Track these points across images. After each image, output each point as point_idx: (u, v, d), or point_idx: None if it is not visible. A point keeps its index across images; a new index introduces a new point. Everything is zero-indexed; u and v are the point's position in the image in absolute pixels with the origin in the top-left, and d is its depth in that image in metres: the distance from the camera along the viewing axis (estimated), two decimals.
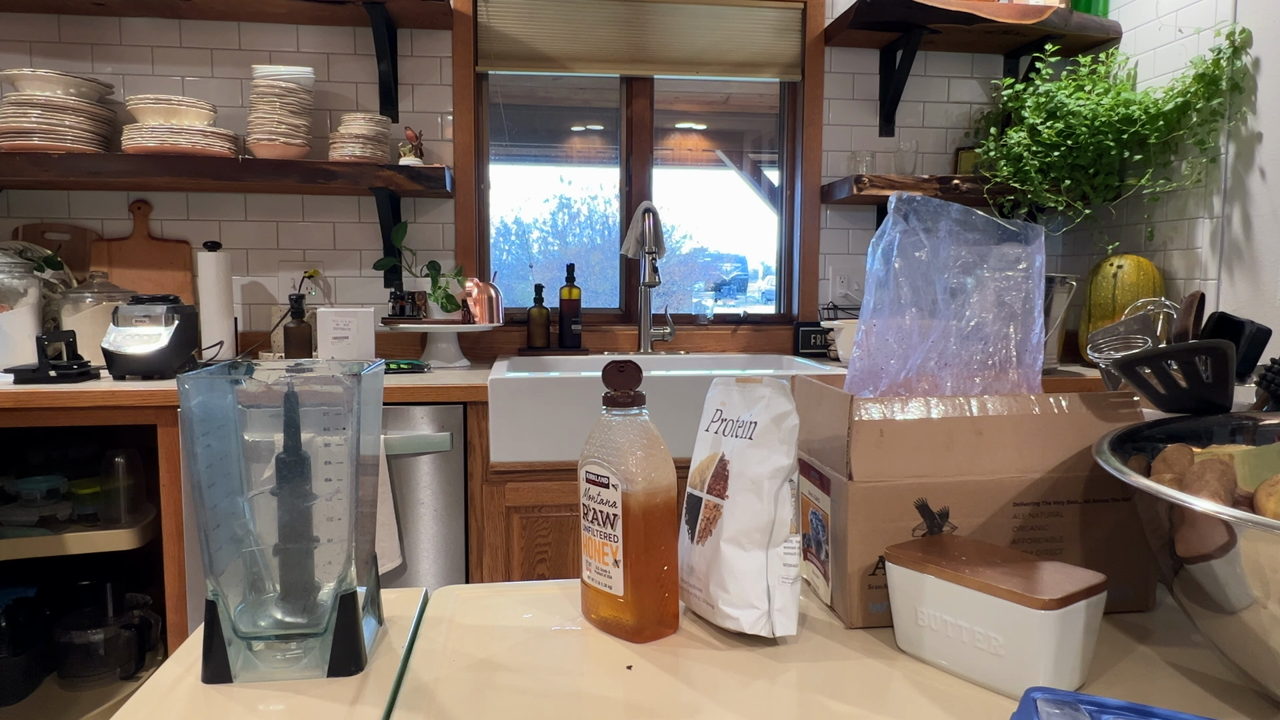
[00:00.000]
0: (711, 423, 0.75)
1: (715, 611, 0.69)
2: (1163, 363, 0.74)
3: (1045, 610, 0.56)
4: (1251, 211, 2.03)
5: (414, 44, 2.41)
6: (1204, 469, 0.59)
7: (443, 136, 2.44)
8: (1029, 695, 0.47)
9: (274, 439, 0.64)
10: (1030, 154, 2.30)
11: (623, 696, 0.60)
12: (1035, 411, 0.72)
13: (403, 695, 0.61)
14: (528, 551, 1.87)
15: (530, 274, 2.64)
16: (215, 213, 2.38)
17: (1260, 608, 0.50)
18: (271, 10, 2.25)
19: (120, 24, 2.30)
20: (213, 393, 0.62)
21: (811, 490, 0.77)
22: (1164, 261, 2.29)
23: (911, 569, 0.63)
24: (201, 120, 2.17)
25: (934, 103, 2.63)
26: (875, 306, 0.78)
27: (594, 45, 2.48)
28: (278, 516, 0.64)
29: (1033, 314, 0.76)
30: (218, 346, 2.14)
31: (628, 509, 0.68)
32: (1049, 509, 0.72)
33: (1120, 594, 0.72)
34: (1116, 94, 2.27)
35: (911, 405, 0.71)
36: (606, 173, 2.66)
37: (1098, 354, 0.92)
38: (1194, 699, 0.59)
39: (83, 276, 2.28)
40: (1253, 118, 2.02)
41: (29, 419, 1.72)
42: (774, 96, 2.69)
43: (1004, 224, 0.77)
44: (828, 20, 2.53)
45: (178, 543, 1.80)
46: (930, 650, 0.64)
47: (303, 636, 0.64)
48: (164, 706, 0.59)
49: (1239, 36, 2.03)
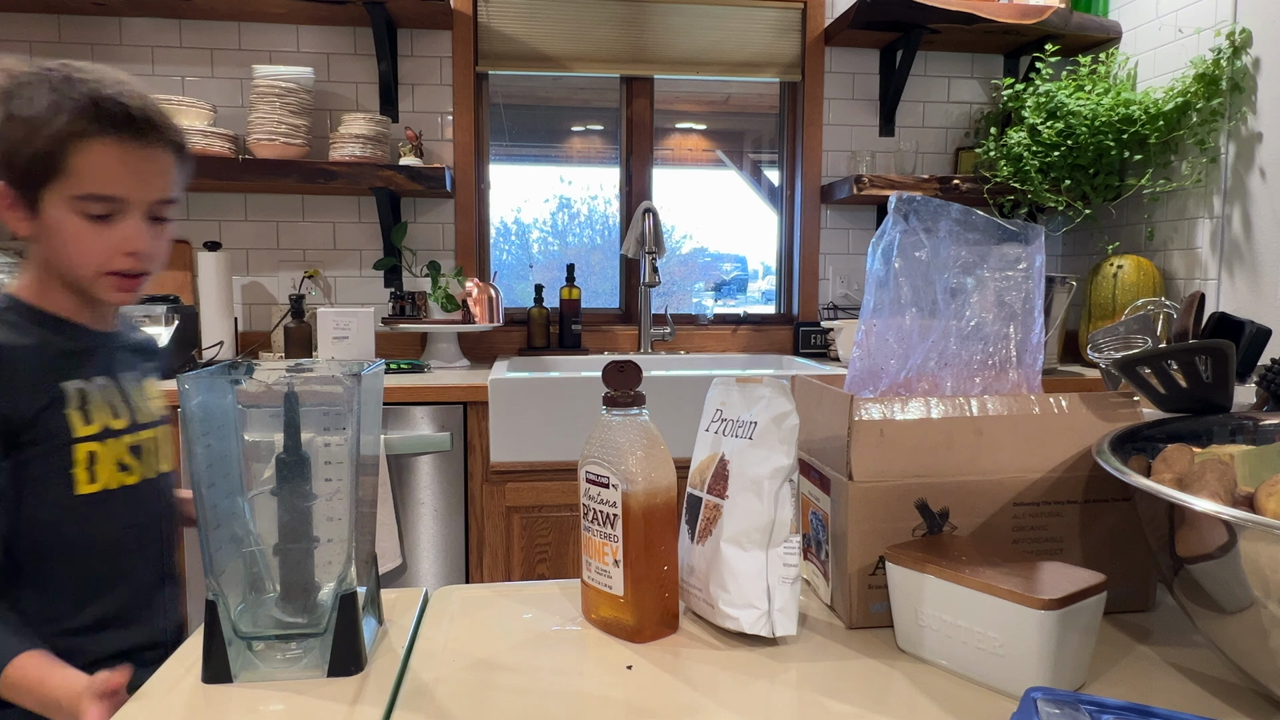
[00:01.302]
0: (711, 423, 0.75)
1: (715, 611, 0.69)
2: (1163, 363, 0.74)
3: (1045, 610, 0.56)
4: (1251, 211, 2.03)
5: (414, 44, 2.41)
6: (1204, 469, 0.59)
7: (443, 136, 2.44)
8: (1029, 695, 0.47)
9: (274, 439, 0.64)
10: (1030, 154, 2.30)
11: (623, 696, 0.60)
12: (1035, 411, 0.72)
13: (403, 695, 0.61)
14: (528, 551, 1.87)
15: (530, 274, 2.64)
16: (215, 213, 2.38)
17: (1260, 608, 0.50)
18: (271, 10, 2.24)
19: (120, 24, 2.30)
20: (213, 393, 0.62)
21: (811, 490, 0.77)
22: (1164, 261, 2.29)
23: (911, 569, 0.64)
24: (201, 120, 2.17)
25: (934, 103, 2.63)
26: (875, 306, 0.78)
27: (594, 45, 2.48)
28: (278, 516, 0.64)
29: (1033, 314, 0.76)
30: (218, 346, 2.14)
31: (628, 509, 0.68)
32: (1049, 509, 0.72)
33: (1120, 594, 0.72)
34: (1116, 94, 2.27)
35: (911, 405, 0.71)
36: (606, 173, 2.65)
37: (1098, 354, 0.92)
38: (1194, 699, 0.59)
39: None
40: (1253, 118, 2.02)
41: None
42: (774, 96, 2.69)
43: (1004, 224, 0.77)
44: (828, 20, 2.53)
45: None
46: (930, 650, 0.64)
47: (303, 636, 0.64)
48: (164, 706, 0.59)
49: (1239, 36, 2.03)
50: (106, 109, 0.85)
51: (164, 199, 0.91)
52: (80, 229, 0.87)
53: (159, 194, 0.90)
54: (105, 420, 0.91)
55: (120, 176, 0.87)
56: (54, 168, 0.85)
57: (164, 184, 0.90)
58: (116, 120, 0.85)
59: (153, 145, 0.88)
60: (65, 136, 0.84)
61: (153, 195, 0.89)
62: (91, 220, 0.87)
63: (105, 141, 0.85)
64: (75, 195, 0.86)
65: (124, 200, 0.87)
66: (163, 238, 0.93)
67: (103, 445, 0.91)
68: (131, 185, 0.87)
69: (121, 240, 0.88)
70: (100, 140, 0.85)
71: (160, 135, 0.89)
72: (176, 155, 0.92)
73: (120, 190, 0.87)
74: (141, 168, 0.88)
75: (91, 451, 0.90)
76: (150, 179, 0.89)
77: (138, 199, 0.88)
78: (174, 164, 0.92)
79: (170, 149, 0.91)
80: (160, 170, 0.90)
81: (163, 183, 0.90)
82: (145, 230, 0.89)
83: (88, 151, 0.85)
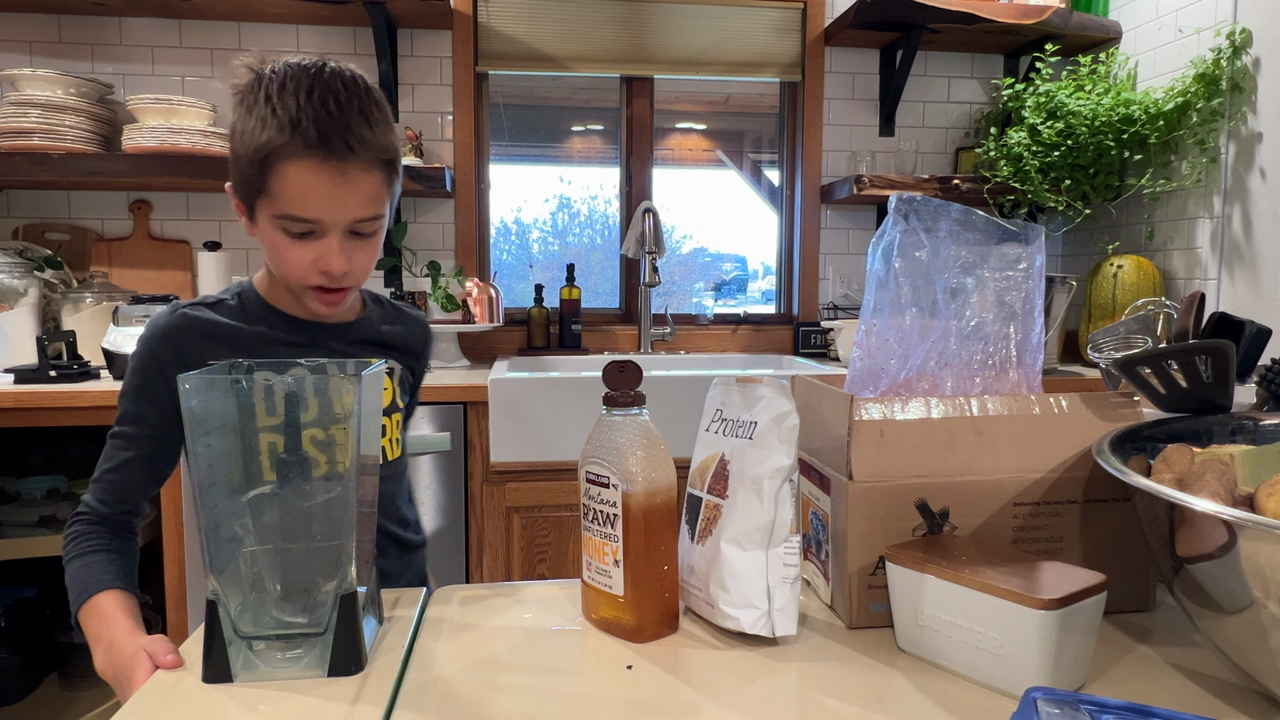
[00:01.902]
0: (712, 423, 0.75)
1: (715, 611, 0.69)
2: (1163, 363, 0.74)
3: (1045, 610, 0.56)
4: (1251, 211, 2.03)
5: (414, 44, 2.41)
6: (1204, 469, 0.59)
7: (443, 136, 2.44)
8: (1029, 695, 0.47)
9: (274, 439, 0.64)
10: (1030, 154, 2.30)
11: (623, 696, 0.60)
12: (1035, 411, 0.72)
13: (403, 695, 0.61)
14: (528, 551, 1.87)
15: (530, 274, 2.64)
16: (215, 213, 2.38)
17: (1260, 608, 0.50)
18: (271, 10, 2.24)
19: (120, 24, 2.30)
20: (213, 393, 0.62)
21: (811, 490, 0.77)
22: (1164, 261, 2.29)
23: (911, 569, 0.64)
24: (201, 120, 2.17)
25: (934, 103, 2.63)
26: (875, 306, 0.78)
27: (594, 45, 2.48)
28: (278, 516, 0.64)
29: (1033, 314, 0.76)
30: None
31: (628, 509, 0.68)
32: (1049, 509, 0.72)
33: (1120, 594, 0.72)
34: (1116, 94, 2.27)
35: (911, 405, 0.71)
36: (606, 173, 2.65)
37: (1098, 354, 0.92)
38: (1194, 699, 0.59)
39: (83, 276, 2.28)
40: (1253, 118, 2.02)
41: (29, 419, 1.72)
42: (774, 96, 2.69)
43: (1004, 224, 0.77)
44: (828, 20, 2.53)
45: (178, 543, 1.80)
46: (930, 650, 0.64)
47: (303, 636, 0.64)
48: (164, 706, 0.59)
49: (1239, 36, 2.03)
50: (303, 130, 0.82)
51: (363, 218, 0.88)
52: (284, 243, 0.88)
53: (356, 215, 0.87)
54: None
55: (314, 200, 0.85)
56: (260, 185, 0.85)
57: (361, 205, 0.87)
58: (311, 142, 0.83)
59: (350, 167, 0.85)
60: (266, 156, 0.83)
61: (349, 217, 0.87)
62: (293, 236, 0.87)
63: (301, 164, 0.83)
64: (275, 214, 0.86)
65: (319, 221, 0.86)
66: (366, 250, 0.91)
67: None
68: (326, 209, 0.86)
69: (317, 258, 0.88)
70: (296, 163, 0.83)
71: (359, 156, 0.85)
72: (383, 171, 0.89)
73: (314, 214, 0.86)
74: (337, 191, 0.85)
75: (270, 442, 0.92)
76: (346, 201, 0.86)
77: (333, 221, 0.87)
78: (377, 182, 0.88)
79: (374, 167, 0.87)
80: (357, 191, 0.86)
81: (360, 204, 0.87)
82: (340, 249, 0.88)
83: (285, 172, 0.84)
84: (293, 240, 0.87)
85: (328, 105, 0.83)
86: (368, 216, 0.88)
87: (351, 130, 0.84)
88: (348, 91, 0.85)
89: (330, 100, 0.84)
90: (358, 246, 0.90)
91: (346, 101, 0.84)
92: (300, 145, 0.82)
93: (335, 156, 0.83)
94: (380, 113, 0.88)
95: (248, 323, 0.95)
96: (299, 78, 0.84)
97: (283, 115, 0.83)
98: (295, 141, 0.82)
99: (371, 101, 0.87)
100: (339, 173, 0.84)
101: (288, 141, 0.82)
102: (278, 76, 0.85)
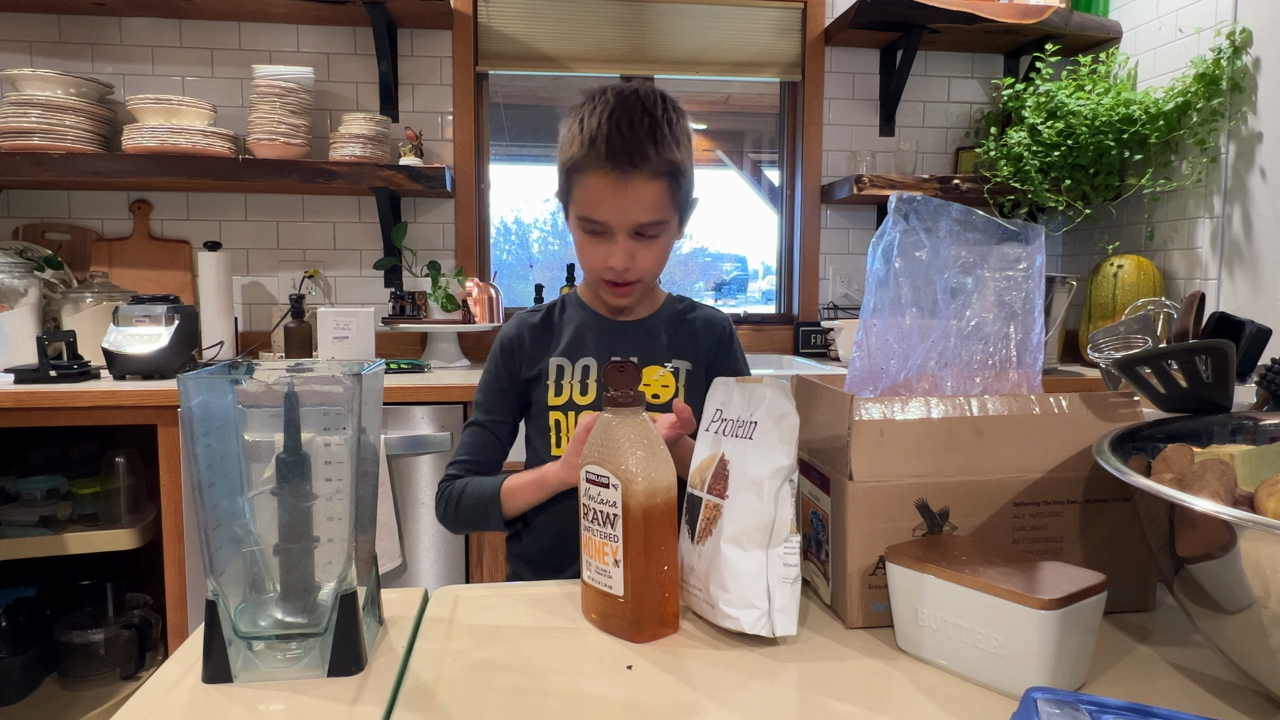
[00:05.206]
0: (711, 423, 0.75)
1: (715, 611, 0.69)
2: (1163, 363, 0.74)
3: (1045, 610, 0.56)
4: (1251, 211, 2.03)
5: (414, 44, 2.41)
6: (1204, 469, 0.59)
7: (443, 136, 2.44)
8: (1029, 695, 0.47)
9: (274, 439, 0.64)
10: (1030, 154, 2.30)
11: (623, 696, 0.60)
12: (1035, 411, 0.72)
13: (403, 695, 0.61)
14: None
15: (530, 274, 2.64)
16: (215, 213, 2.38)
17: (1260, 608, 0.49)
18: (271, 10, 2.24)
19: (120, 24, 2.30)
20: (213, 393, 0.62)
21: (811, 490, 0.77)
22: (1164, 261, 2.29)
23: (911, 569, 0.63)
24: (201, 120, 2.17)
25: (934, 102, 2.63)
26: (875, 306, 0.78)
27: (594, 45, 2.48)
28: (278, 516, 0.64)
29: (1033, 314, 0.76)
30: (218, 346, 2.14)
31: (628, 509, 0.68)
32: (1049, 509, 0.72)
33: (1120, 594, 0.72)
34: (1117, 94, 2.27)
35: (911, 405, 0.71)
36: None
37: (1098, 354, 0.92)
38: (1194, 699, 0.59)
39: (83, 276, 2.28)
40: (1253, 118, 2.02)
41: (29, 419, 1.72)
42: (774, 96, 2.69)
43: (1004, 224, 0.77)
44: (828, 20, 2.53)
45: (178, 543, 1.80)
46: (930, 650, 0.64)
47: (303, 636, 0.64)
48: (164, 706, 0.59)
49: (1239, 36, 2.03)
50: (598, 147, 0.97)
51: (645, 222, 1.01)
52: (583, 240, 1.05)
53: (639, 219, 1.01)
54: (572, 394, 1.10)
55: (603, 206, 1.00)
56: (569, 191, 1.04)
57: (643, 210, 1.01)
58: (601, 157, 0.97)
59: (633, 179, 0.98)
60: (572, 167, 1.01)
61: (632, 220, 1.01)
62: (589, 234, 1.04)
63: (593, 175, 0.99)
64: (577, 215, 1.03)
65: (607, 224, 1.01)
66: (650, 250, 1.05)
67: (564, 415, 1.10)
68: (613, 213, 1.01)
69: (606, 255, 1.03)
70: (590, 174, 0.99)
71: (640, 170, 0.98)
72: (668, 180, 1.01)
73: (603, 217, 1.01)
74: (623, 198, 0.99)
75: (557, 420, 1.10)
76: (630, 207, 1.00)
77: (619, 224, 1.01)
78: (659, 191, 1.01)
79: (656, 178, 1.00)
80: (641, 199, 1.00)
81: (641, 209, 1.00)
82: (624, 249, 1.02)
83: (583, 181, 1.00)
84: (588, 238, 1.04)
85: (621, 126, 0.98)
86: (649, 221, 1.02)
87: (637, 148, 0.98)
88: (644, 113, 0.99)
89: (624, 121, 0.98)
90: (641, 246, 1.04)
91: (639, 121, 0.98)
92: (594, 160, 0.98)
93: (620, 170, 0.98)
94: (670, 132, 1.01)
95: (562, 318, 1.16)
96: (608, 101, 1.00)
97: (585, 134, 0.99)
98: (591, 156, 0.98)
99: (665, 122, 1.00)
100: (623, 183, 0.99)
101: (585, 156, 0.99)
102: (594, 100, 1.02)
